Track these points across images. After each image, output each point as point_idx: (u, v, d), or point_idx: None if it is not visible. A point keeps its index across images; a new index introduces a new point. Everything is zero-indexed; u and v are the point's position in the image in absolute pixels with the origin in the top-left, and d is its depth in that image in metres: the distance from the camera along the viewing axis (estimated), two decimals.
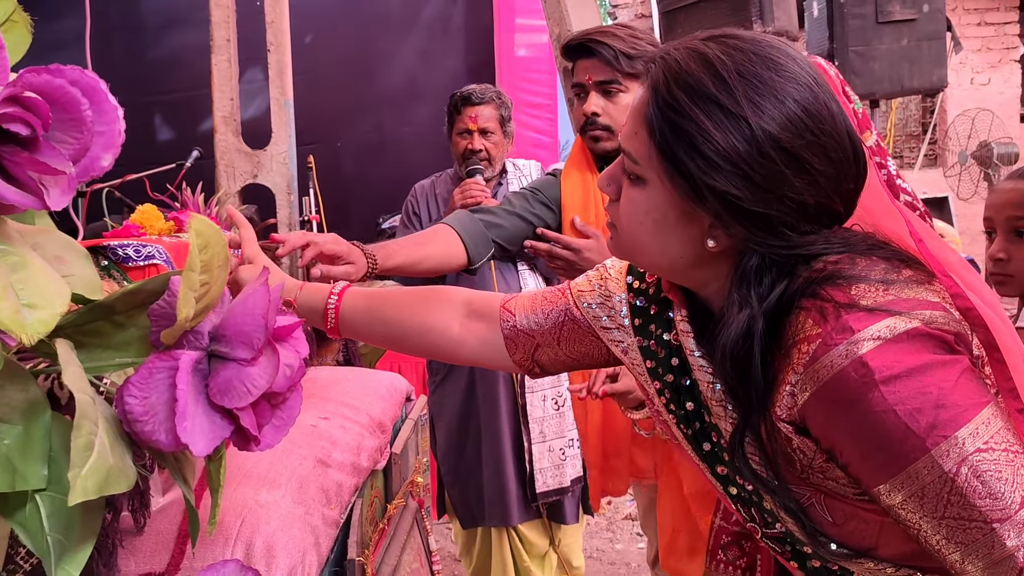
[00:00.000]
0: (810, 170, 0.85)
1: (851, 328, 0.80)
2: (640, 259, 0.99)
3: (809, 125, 0.85)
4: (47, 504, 0.67)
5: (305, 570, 0.92)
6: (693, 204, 0.88)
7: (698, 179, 0.86)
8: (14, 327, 0.56)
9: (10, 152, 0.57)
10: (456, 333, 1.14)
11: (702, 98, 0.86)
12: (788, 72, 0.87)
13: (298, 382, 0.73)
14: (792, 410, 0.85)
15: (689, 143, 0.86)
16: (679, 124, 0.87)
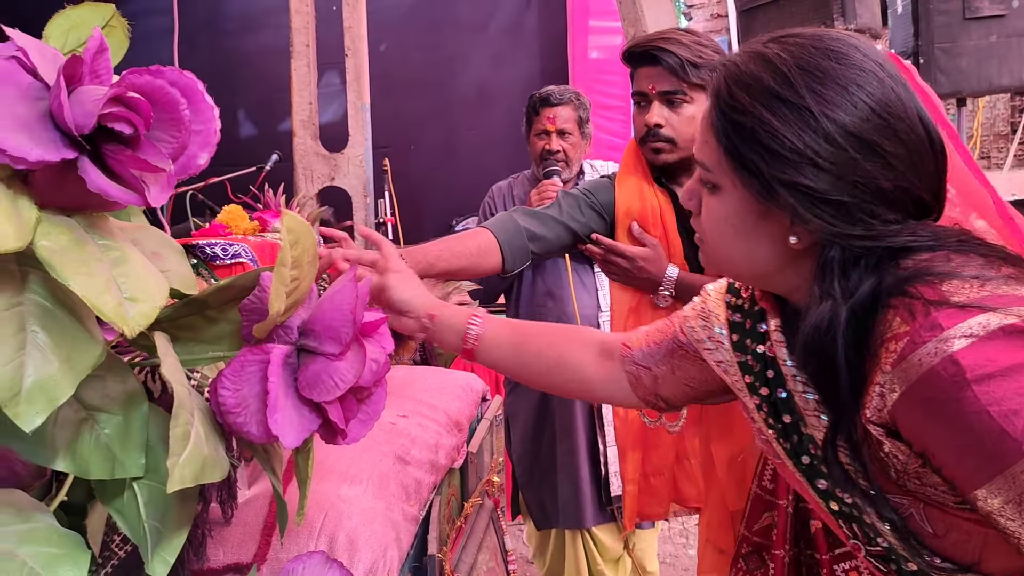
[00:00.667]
0: (881, 153, 0.83)
1: (941, 325, 0.77)
2: (729, 269, 0.98)
3: (875, 109, 0.84)
4: (144, 492, 0.69)
5: (387, 565, 0.93)
6: (767, 202, 0.87)
7: (767, 175, 0.85)
8: (117, 320, 0.58)
9: (114, 150, 0.59)
10: (591, 372, 1.16)
11: (763, 94, 0.86)
12: (850, 60, 0.86)
13: (383, 377, 0.74)
14: (882, 412, 0.82)
15: (754, 140, 0.86)
16: (742, 123, 0.87)
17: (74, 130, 0.56)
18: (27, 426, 0.55)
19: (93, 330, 0.61)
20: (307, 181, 3.86)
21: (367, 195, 3.96)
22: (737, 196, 0.90)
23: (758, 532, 1.57)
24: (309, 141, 3.89)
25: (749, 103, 0.87)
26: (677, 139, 1.83)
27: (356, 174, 3.91)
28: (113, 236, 0.62)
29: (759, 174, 0.86)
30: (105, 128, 0.59)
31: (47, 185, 0.58)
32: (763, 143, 0.85)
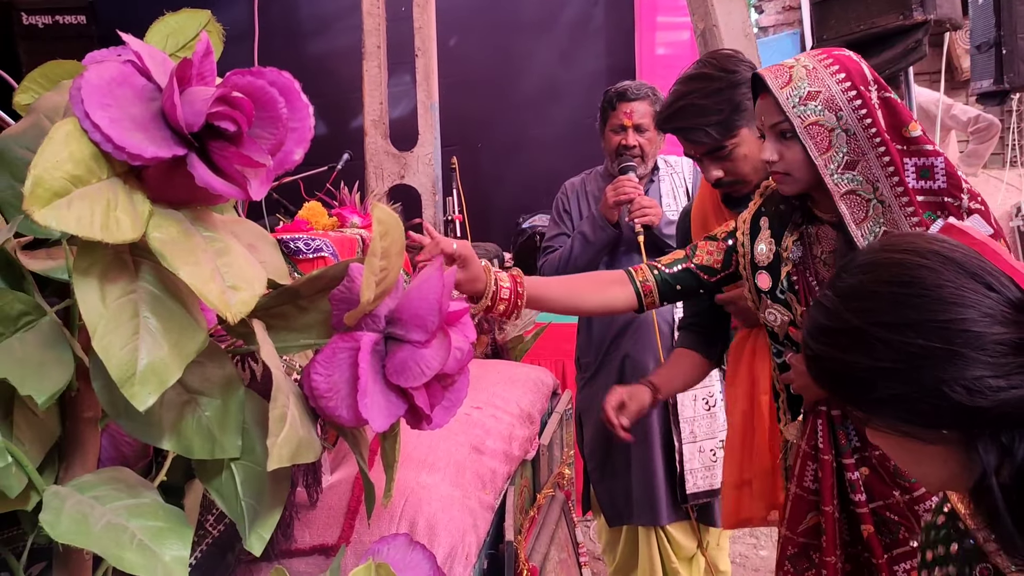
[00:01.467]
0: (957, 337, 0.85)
1: None
2: (930, 484, 0.99)
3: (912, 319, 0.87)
4: (241, 472, 0.73)
5: (465, 550, 0.95)
6: (888, 423, 0.90)
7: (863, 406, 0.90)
8: (220, 306, 0.62)
9: (219, 147, 0.63)
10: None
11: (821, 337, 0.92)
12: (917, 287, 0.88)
13: (466, 366, 0.76)
14: None
15: (830, 378, 0.92)
16: (818, 366, 0.93)
17: (184, 129, 0.60)
18: (141, 405, 0.59)
19: (198, 316, 0.65)
20: (378, 179, 3.93)
21: (436, 193, 4.01)
22: (875, 424, 0.93)
23: (803, 533, 1.54)
24: (380, 140, 3.96)
25: (831, 355, 0.92)
26: (740, 177, 1.84)
27: (425, 172, 3.96)
28: (216, 228, 0.66)
29: (859, 405, 0.91)
30: (211, 126, 0.62)
31: (159, 180, 0.62)
32: (839, 378, 0.92)
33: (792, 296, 1.55)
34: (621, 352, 2.59)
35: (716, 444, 2.56)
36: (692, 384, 2.01)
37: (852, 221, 1.45)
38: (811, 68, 1.46)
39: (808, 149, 1.43)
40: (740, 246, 1.62)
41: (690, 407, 2.55)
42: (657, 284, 1.62)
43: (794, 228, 1.56)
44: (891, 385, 0.87)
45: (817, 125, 1.44)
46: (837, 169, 1.44)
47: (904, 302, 0.88)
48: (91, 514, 0.64)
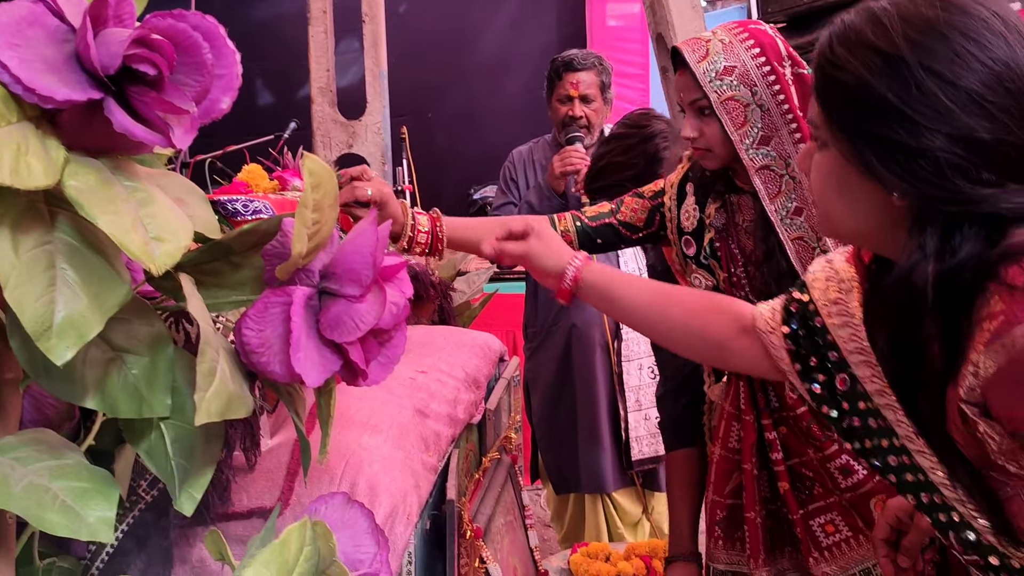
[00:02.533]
0: (981, 102, 0.79)
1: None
2: (837, 229, 0.96)
3: (979, 56, 0.80)
4: (171, 431, 0.71)
5: (406, 510, 0.95)
6: (862, 158, 0.84)
7: (853, 129, 0.84)
8: (143, 258, 0.59)
9: (138, 92, 0.60)
10: (732, 346, 1.14)
11: (859, 47, 0.84)
12: (958, 7, 0.82)
13: (403, 321, 0.75)
14: (974, 392, 0.80)
15: (843, 93, 0.85)
16: (837, 77, 0.85)
17: (100, 71, 0.58)
18: (58, 359, 0.57)
19: (120, 269, 0.63)
20: (325, 148, 3.87)
21: (385, 162, 3.97)
22: (837, 154, 0.88)
23: (730, 494, 1.57)
24: (327, 108, 3.90)
25: (844, 57, 0.85)
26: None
27: (374, 141, 3.91)
28: (139, 178, 0.64)
29: (846, 128, 0.85)
30: (130, 71, 0.60)
31: (74, 126, 0.59)
32: (853, 97, 0.84)
33: (715, 262, 1.55)
34: (567, 322, 2.60)
35: None
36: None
37: (766, 196, 1.45)
38: (727, 42, 1.45)
39: (724, 124, 1.43)
40: (668, 211, 1.62)
41: (635, 376, 2.58)
42: (577, 234, 1.60)
43: (717, 196, 1.56)
44: (903, 129, 0.81)
45: (733, 100, 1.43)
46: (752, 144, 1.43)
47: (966, 58, 0.80)
48: (11, 475, 0.62)
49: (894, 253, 0.90)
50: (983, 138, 0.79)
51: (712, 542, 1.61)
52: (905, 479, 0.94)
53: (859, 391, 0.97)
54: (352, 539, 0.78)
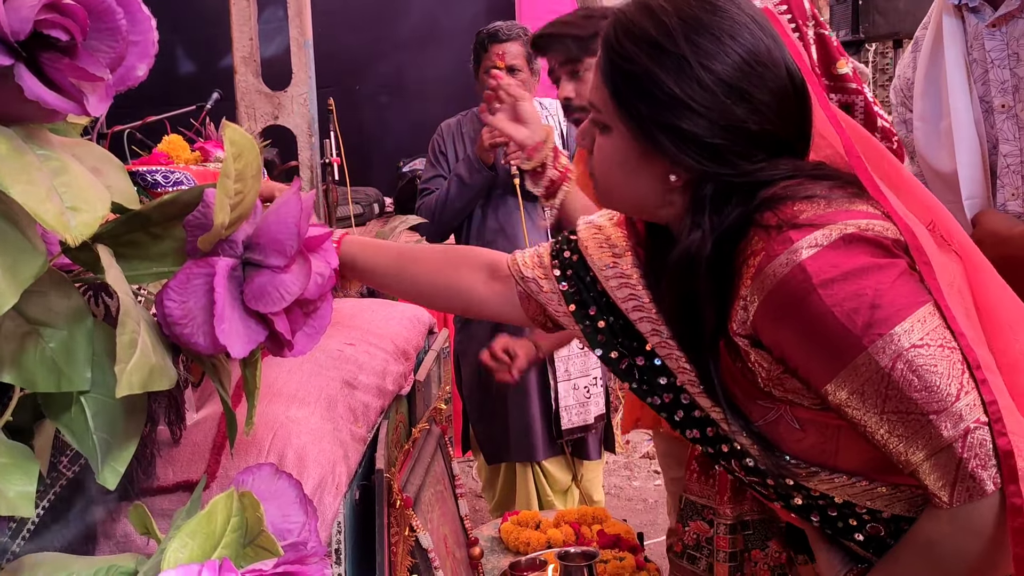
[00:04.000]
0: (750, 99, 0.91)
1: (791, 238, 0.86)
2: (616, 204, 1.06)
3: (746, 58, 0.92)
4: (92, 405, 0.70)
5: (335, 480, 0.95)
6: (647, 143, 0.94)
7: (648, 119, 0.93)
8: (59, 227, 0.58)
9: (51, 59, 0.59)
10: (481, 293, 1.18)
11: (646, 44, 0.93)
12: (725, 12, 0.94)
13: (328, 291, 0.75)
14: (745, 323, 0.91)
15: (638, 87, 0.93)
16: (628, 71, 0.94)
17: (9, 36, 0.56)
18: None
19: (35, 240, 0.61)
20: (250, 120, 3.78)
21: (312, 134, 3.90)
22: (622, 137, 0.97)
23: None
24: (251, 79, 3.81)
25: (634, 52, 0.94)
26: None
27: (300, 113, 3.84)
28: (52, 147, 0.62)
29: (641, 118, 0.94)
30: (41, 37, 0.58)
31: None
32: (645, 90, 0.93)
33: None
34: None
35: (589, 381, 2.64)
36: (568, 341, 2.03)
37: None
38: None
39: None
40: None
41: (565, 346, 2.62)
42: None
43: None
44: (689, 119, 0.91)
45: None
46: None
47: (731, 56, 0.92)
48: None
49: (669, 221, 1.01)
50: (752, 129, 0.92)
51: (689, 475, 1.67)
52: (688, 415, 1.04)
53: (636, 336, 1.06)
54: (280, 509, 0.78)
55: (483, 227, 2.64)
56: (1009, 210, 1.46)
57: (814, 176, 0.93)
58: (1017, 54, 1.41)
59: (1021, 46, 1.41)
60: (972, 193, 1.47)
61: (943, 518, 0.86)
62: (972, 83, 1.46)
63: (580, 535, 2.09)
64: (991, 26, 1.42)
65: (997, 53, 1.43)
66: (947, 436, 0.83)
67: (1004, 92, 1.43)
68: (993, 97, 1.45)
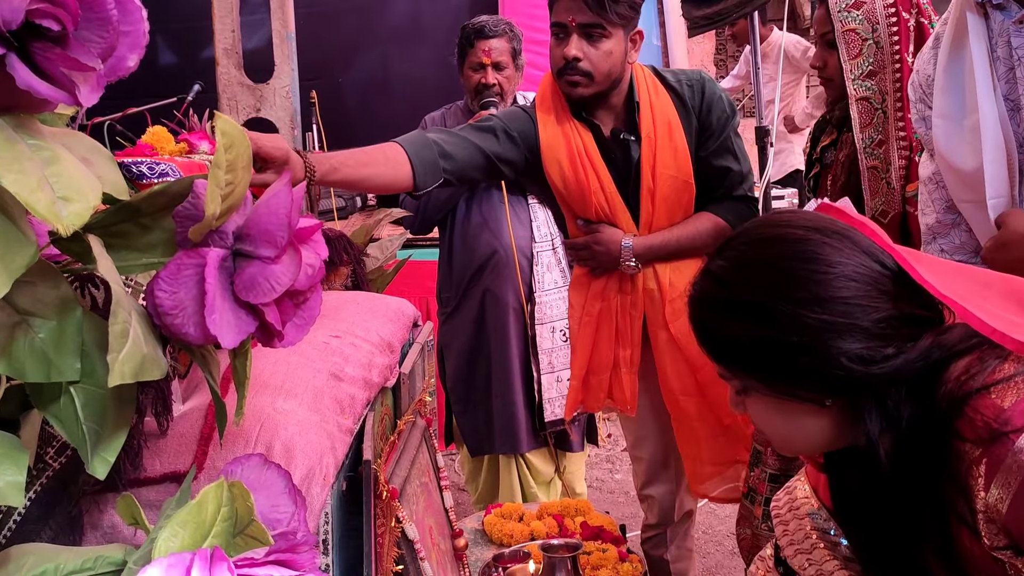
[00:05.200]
0: (855, 314, 0.90)
1: (1008, 436, 0.82)
2: (798, 449, 1.05)
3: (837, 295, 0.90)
4: (81, 396, 0.70)
5: (323, 471, 0.95)
6: (780, 391, 0.94)
7: (764, 373, 0.94)
8: (51, 217, 0.58)
9: (42, 48, 0.59)
10: None
11: (721, 309, 0.95)
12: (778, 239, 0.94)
13: (318, 283, 0.76)
14: (998, 535, 0.85)
15: (736, 352, 0.95)
16: (720, 340, 0.97)
17: (1, 26, 0.56)
18: None
19: (26, 230, 0.61)
20: (232, 112, 3.76)
21: (295, 127, 3.88)
22: (767, 396, 0.97)
23: None
24: (233, 71, 3.79)
25: (714, 323, 0.96)
26: (594, 73, 1.85)
27: (283, 105, 3.82)
28: (43, 136, 0.62)
29: (756, 375, 0.95)
30: (33, 27, 0.58)
31: None
32: (741, 350, 0.95)
33: None
34: (481, 287, 2.63)
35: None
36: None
37: (858, 125, 1.66)
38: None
39: (840, 53, 1.62)
40: None
41: (548, 339, 2.63)
42: None
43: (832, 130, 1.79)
44: (791, 356, 0.91)
45: (853, 32, 1.67)
46: (859, 76, 1.65)
47: (808, 278, 0.91)
48: None
49: (851, 443, 0.98)
50: (864, 326, 0.90)
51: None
52: None
53: None
54: (269, 499, 0.78)
55: (467, 220, 2.64)
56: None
57: (976, 346, 0.89)
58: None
59: None
60: (997, 192, 1.45)
61: None
62: (996, 81, 1.44)
63: (563, 527, 2.11)
64: (1019, 23, 1.41)
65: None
66: None
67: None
68: (1020, 95, 1.43)
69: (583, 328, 2.07)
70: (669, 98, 1.93)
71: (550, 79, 1.97)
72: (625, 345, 2.03)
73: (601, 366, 2.06)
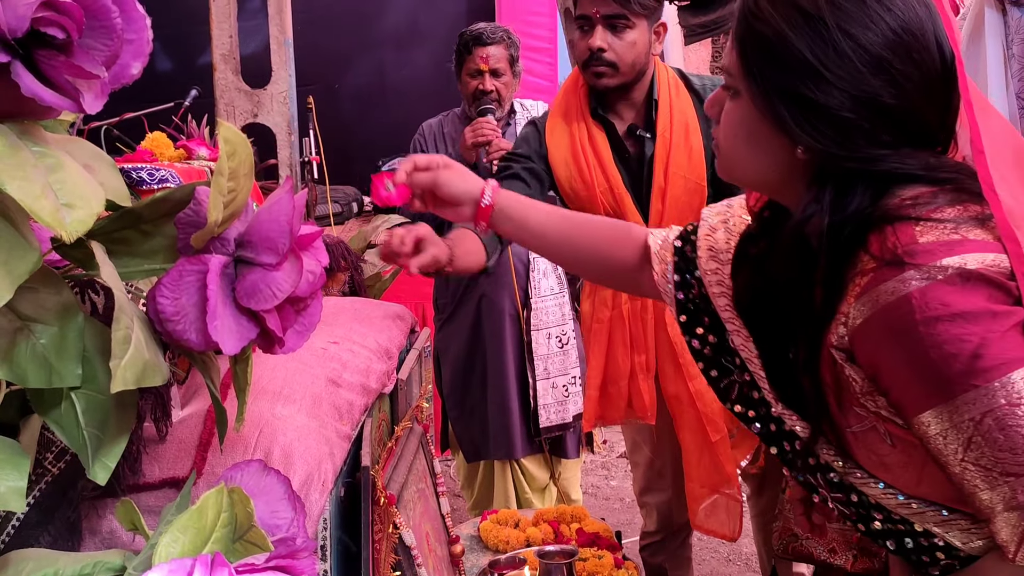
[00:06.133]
0: (889, 69, 0.84)
1: (903, 264, 0.81)
2: (739, 175, 1.00)
3: (891, 25, 0.85)
4: (82, 401, 0.70)
5: (321, 477, 0.96)
6: (771, 111, 0.88)
7: (772, 85, 0.88)
8: (55, 224, 0.59)
9: (47, 56, 0.59)
10: (638, 278, 1.18)
11: (782, 3, 0.88)
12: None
13: (319, 290, 0.76)
14: (843, 339, 0.87)
15: (767, 49, 0.88)
16: (759, 31, 0.89)
17: (7, 34, 0.56)
18: None
19: (29, 237, 0.62)
20: (229, 117, 3.76)
21: (292, 133, 3.89)
22: (749, 102, 0.91)
23: None
24: (230, 76, 3.79)
25: (769, 13, 0.88)
26: (619, 64, 1.87)
27: (280, 111, 3.83)
28: (47, 143, 0.63)
29: (766, 84, 0.88)
30: (38, 35, 0.59)
31: None
32: (771, 50, 0.87)
33: None
34: (478, 292, 2.64)
35: (568, 380, 2.67)
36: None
37: None
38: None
39: None
40: None
41: (544, 344, 2.64)
42: None
43: None
44: (816, 87, 0.85)
45: None
46: None
47: (878, 24, 0.85)
48: None
49: (790, 202, 0.96)
50: (887, 103, 0.85)
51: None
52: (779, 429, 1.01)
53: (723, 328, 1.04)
54: (268, 505, 0.78)
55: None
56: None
57: (947, 182, 0.85)
58: None
59: None
60: None
61: (1006, 570, 0.84)
62: (1010, 78, 1.43)
63: (559, 534, 2.11)
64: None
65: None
66: (1021, 500, 0.79)
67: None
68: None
69: (594, 336, 2.05)
70: (690, 100, 1.94)
71: (569, 82, 2.00)
72: (640, 350, 2.02)
73: (619, 374, 2.04)
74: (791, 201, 0.96)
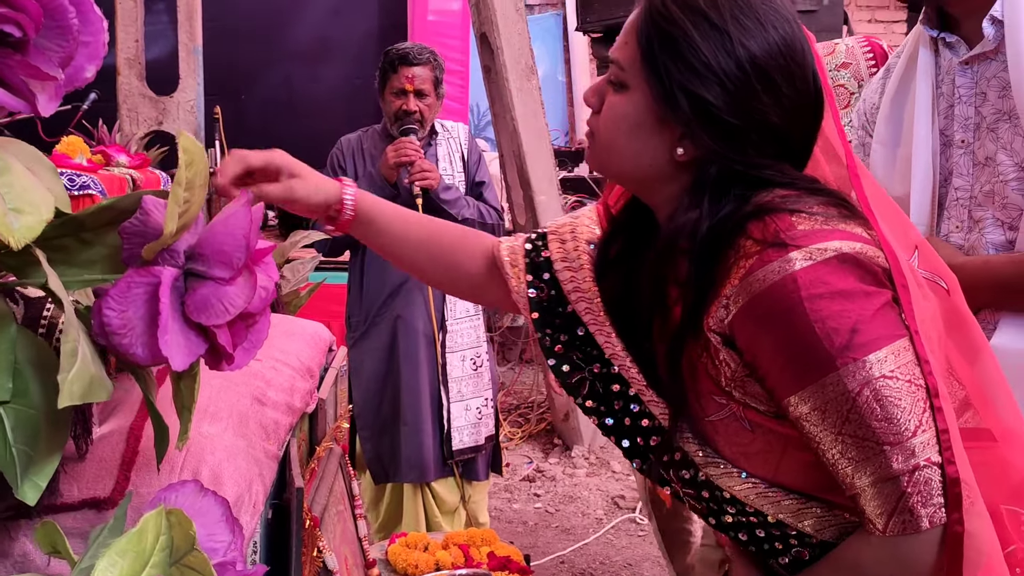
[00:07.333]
0: (777, 91, 0.92)
1: (786, 246, 0.87)
2: (613, 167, 1.02)
3: (783, 49, 0.93)
4: (12, 416, 0.66)
5: (252, 498, 0.93)
6: (668, 108, 0.93)
7: (676, 82, 0.92)
8: (2, 230, 0.56)
9: (2, 55, 0.57)
10: (484, 286, 1.17)
11: (692, 10, 0.93)
12: (773, 3, 0.95)
13: (268, 306, 0.74)
14: (723, 322, 0.91)
15: (673, 49, 0.92)
16: (667, 31, 0.93)
17: None
18: None
19: None
20: (132, 123, 3.63)
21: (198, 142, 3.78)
22: (642, 97, 0.95)
23: None
24: (135, 81, 3.67)
25: (678, 15, 0.93)
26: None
27: (186, 120, 3.72)
28: None
29: (669, 79, 0.92)
30: None
31: None
32: (681, 53, 0.92)
33: None
34: (393, 313, 2.61)
35: (481, 402, 2.67)
36: None
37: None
38: (850, 47, 1.95)
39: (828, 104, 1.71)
40: None
41: (459, 367, 2.63)
42: None
43: None
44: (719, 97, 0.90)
45: (842, 87, 1.92)
46: (848, 124, 1.74)
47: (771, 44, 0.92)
48: None
49: (656, 201, 1.01)
50: (771, 120, 0.93)
51: None
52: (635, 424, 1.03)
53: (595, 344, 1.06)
54: (205, 528, 0.75)
55: None
56: (952, 241, 1.49)
57: (811, 190, 0.94)
58: (984, 93, 1.45)
59: (990, 86, 1.44)
60: (919, 220, 1.51)
61: (873, 543, 0.89)
62: (936, 116, 1.51)
63: (469, 557, 2.10)
64: (964, 63, 1.46)
65: (966, 90, 1.47)
66: (896, 468, 0.85)
67: (966, 128, 1.47)
68: (954, 132, 1.49)
69: None
70: None
71: None
72: None
73: None
74: (657, 200, 1.01)
